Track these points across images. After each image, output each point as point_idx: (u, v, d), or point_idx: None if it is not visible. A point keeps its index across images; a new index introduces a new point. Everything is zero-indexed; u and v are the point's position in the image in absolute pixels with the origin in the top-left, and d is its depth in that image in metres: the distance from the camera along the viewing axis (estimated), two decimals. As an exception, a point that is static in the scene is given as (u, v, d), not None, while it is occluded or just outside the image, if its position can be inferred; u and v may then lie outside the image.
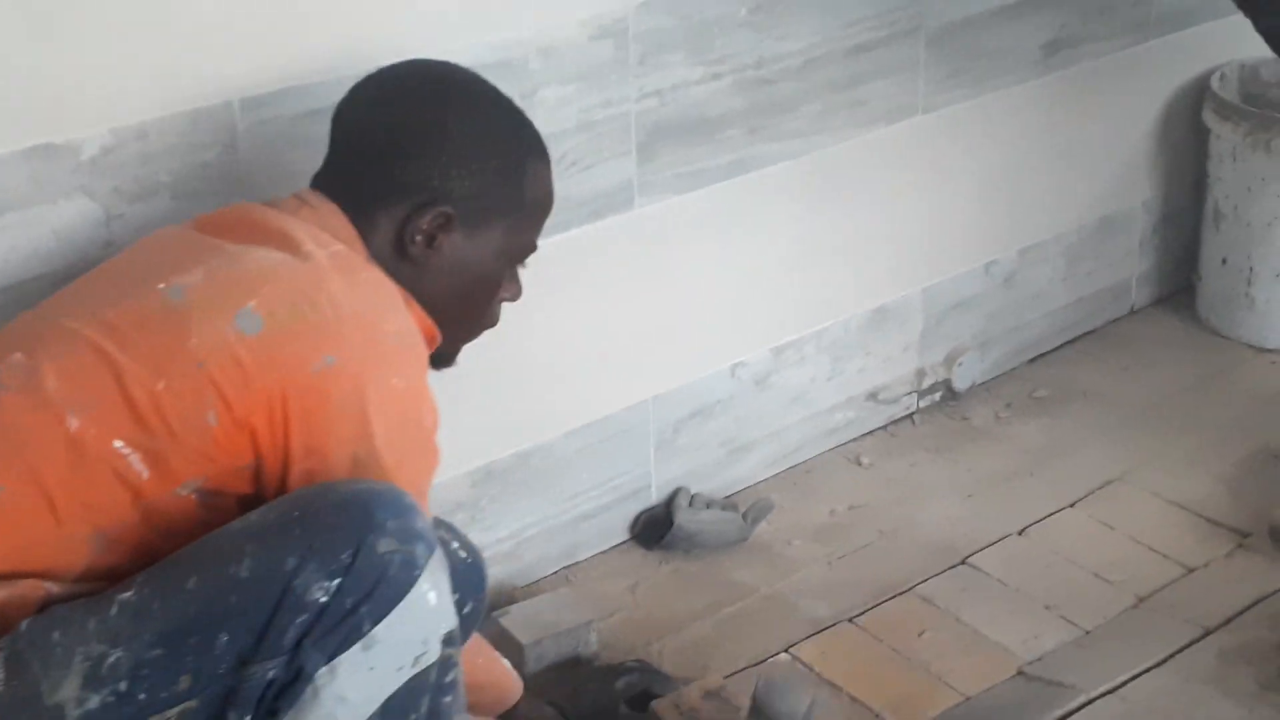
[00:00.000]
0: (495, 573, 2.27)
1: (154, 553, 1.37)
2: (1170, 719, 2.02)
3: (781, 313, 2.51)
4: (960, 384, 2.78)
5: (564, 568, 2.37)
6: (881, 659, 2.18)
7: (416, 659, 1.34)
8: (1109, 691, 2.06)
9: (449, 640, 1.37)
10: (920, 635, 2.21)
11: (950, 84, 2.56)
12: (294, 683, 1.30)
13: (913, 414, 2.75)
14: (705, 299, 2.40)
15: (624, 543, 2.43)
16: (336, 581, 1.29)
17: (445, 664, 1.37)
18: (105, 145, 1.72)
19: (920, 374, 2.74)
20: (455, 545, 1.75)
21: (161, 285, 1.43)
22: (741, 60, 2.28)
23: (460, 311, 1.63)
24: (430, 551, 1.35)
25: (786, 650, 2.18)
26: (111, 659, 1.30)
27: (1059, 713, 2.03)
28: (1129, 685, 2.08)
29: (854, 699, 2.09)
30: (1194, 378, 2.85)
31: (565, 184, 2.12)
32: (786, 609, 2.28)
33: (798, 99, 2.36)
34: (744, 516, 2.41)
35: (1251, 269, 2.89)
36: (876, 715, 2.07)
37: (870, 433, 2.70)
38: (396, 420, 1.42)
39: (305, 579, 1.29)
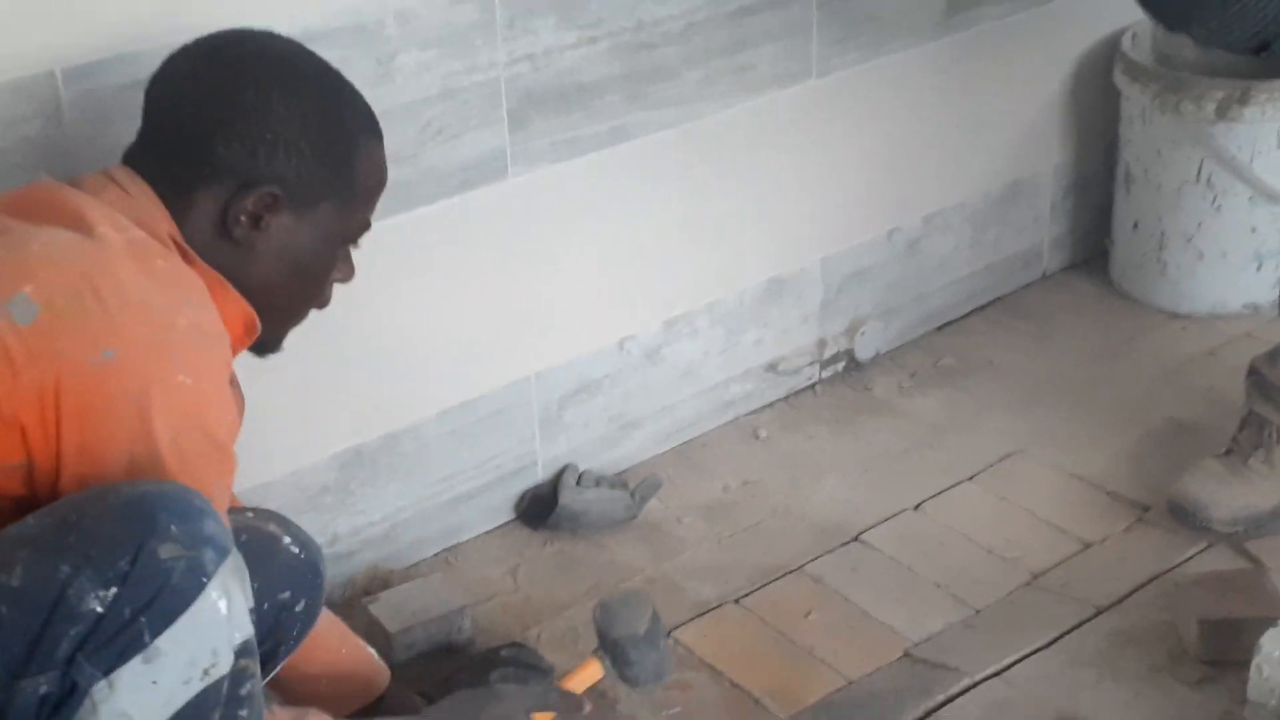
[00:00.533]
0: (369, 557, 2.20)
1: None
2: (1053, 703, 1.94)
3: (671, 285, 2.42)
4: (863, 354, 2.69)
5: (444, 550, 2.28)
6: (765, 641, 2.09)
7: (205, 671, 1.24)
8: (993, 675, 1.99)
9: (244, 651, 1.28)
10: (807, 616, 2.13)
11: (845, 47, 2.45)
12: (69, 698, 1.21)
13: (815, 385, 2.67)
14: (589, 272, 2.30)
15: (510, 523, 2.34)
16: (113, 590, 1.20)
17: (239, 676, 1.28)
18: (-87, 118, 1.62)
19: (821, 344, 2.65)
20: (287, 540, 1.66)
21: None
22: (618, 24, 2.17)
23: (289, 295, 1.54)
24: (222, 557, 1.25)
25: (667, 634, 2.08)
26: None
27: (940, 697, 1.96)
28: (1014, 668, 2.00)
29: (734, 684, 2.01)
30: (1104, 345, 2.77)
31: (429, 154, 2.05)
32: (671, 590, 2.19)
33: (680, 65, 2.26)
34: (632, 495, 2.33)
35: (1163, 233, 2.81)
36: (756, 701, 1.98)
37: (770, 405, 2.62)
38: (181, 423, 1.32)
39: (79, 587, 1.19)
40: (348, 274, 1.60)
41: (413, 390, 2.18)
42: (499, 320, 2.23)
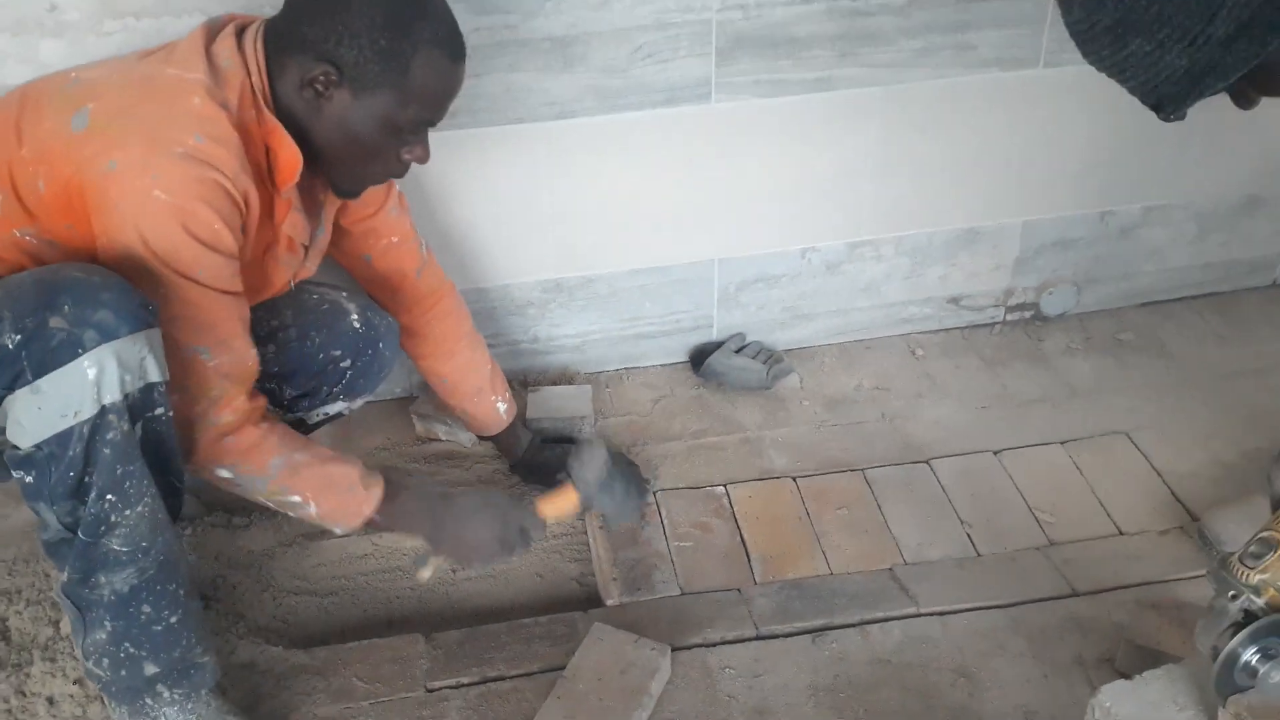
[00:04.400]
0: (562, 360, 2.30)
1: None
2: (961, 657, 1.77)
3: (859, 214, 2.24)
4: (1050, 310, 2.42)
5: (622, 369, 2.33)
6: (792, 518, 2.00)
7: (75, 414, 1.37)
8: (936, 614, 1.83)
9: (113, 409, 1.38)
10: (838, 510, 2.02)
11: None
12: None
13: (996, 324, 2.43)
14: (780, 188, 2.17)
15: (680, 363, 2.35)
16: (19, 338, 1.34)
17: (104, 425, 1.39)
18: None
19: (1009, 292, 2.41)
20: (354, 316, 1.80)
21: (74, 74, 1.49)
22: (836, -9, 1.92)
23: (344, 158, 1.57)
24: (105, 339, 1.34)
25: (723, 485, 2.08)
26: None
27: (879, 615, 1.83)
28: (959, 615, 1.83)
29: (742, 541, 1.97)
30: (1290, 363, 2.23)
31: (641, 71, 2.01)
32: (754, 454, 2.13)
33: (896, 34, 2.06)
34: (767, 371, 2.33)
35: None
36: (749, 560, 1.94)
37: (946, 330, 2.41)
38: (155, 225, 1.41)
39: (2, 328, 1.36)
40: (420, 156, 1.58)
41: (610, 246, 2.19)
42: (690, 210, 2.17)
